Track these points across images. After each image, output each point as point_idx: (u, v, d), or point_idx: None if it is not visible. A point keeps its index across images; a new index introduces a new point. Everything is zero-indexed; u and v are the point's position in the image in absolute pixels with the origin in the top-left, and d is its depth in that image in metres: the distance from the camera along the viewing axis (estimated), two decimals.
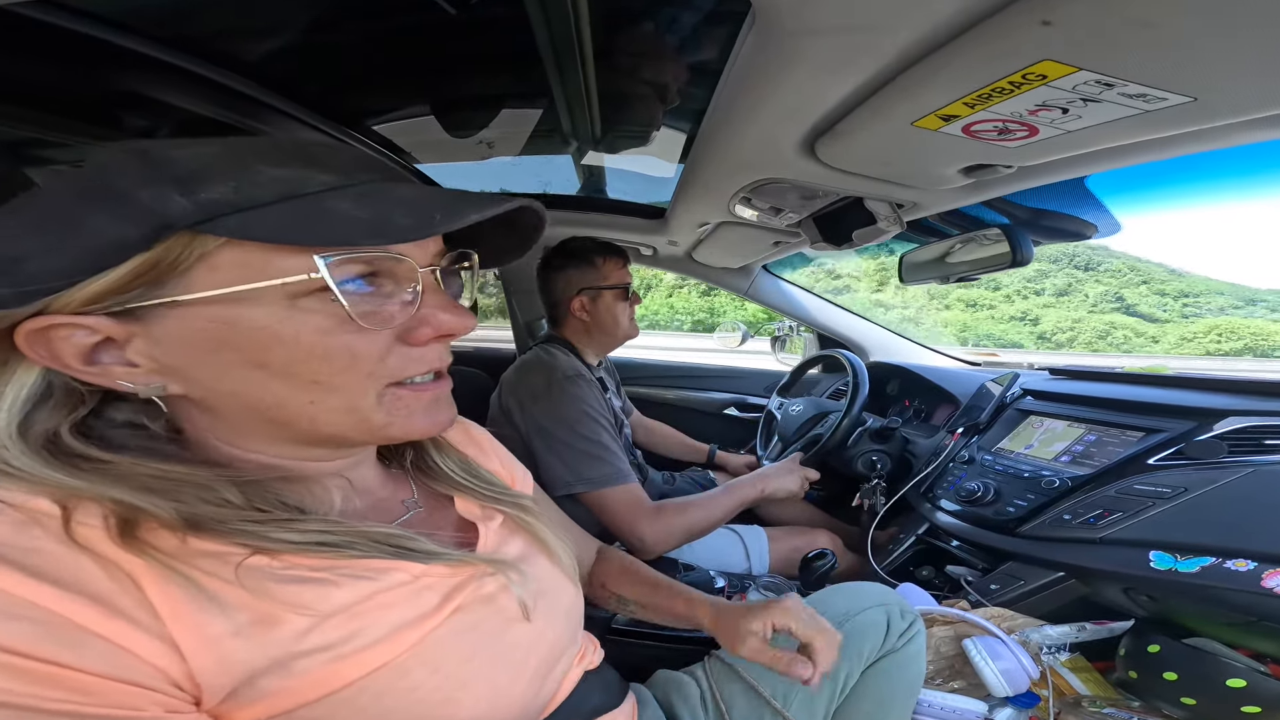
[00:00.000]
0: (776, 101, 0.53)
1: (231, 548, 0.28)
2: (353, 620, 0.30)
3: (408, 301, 0.32)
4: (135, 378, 0.29)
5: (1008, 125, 0.46)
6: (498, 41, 0.72)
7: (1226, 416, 0.68)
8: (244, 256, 0.27)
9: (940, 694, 0.63)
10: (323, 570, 0.30)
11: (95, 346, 0.28)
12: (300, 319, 0.29)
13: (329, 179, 0.29)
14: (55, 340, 0.27)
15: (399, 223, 0.28)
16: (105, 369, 0.29)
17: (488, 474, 0.46)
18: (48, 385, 0.29)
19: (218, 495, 0.29)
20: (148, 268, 0.27)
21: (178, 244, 0.27)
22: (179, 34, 0.63)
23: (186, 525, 0.28)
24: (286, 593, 0.28)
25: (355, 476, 0.38)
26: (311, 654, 0.28)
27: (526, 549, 0.43)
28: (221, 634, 0.26)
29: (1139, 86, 0.36)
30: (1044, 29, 0.31)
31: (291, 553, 0.30)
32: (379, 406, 0.32)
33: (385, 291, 0.31)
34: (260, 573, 0.29)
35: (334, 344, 0.29)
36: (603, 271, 1.01)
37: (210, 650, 0.26)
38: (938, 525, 0.88)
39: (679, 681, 0.57)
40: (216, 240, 0.27)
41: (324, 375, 0.30)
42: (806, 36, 0.41)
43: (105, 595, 0.25)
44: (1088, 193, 0.75)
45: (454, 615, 0.34)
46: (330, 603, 0.29)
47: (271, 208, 0.27)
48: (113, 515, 0.27)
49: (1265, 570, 0.55)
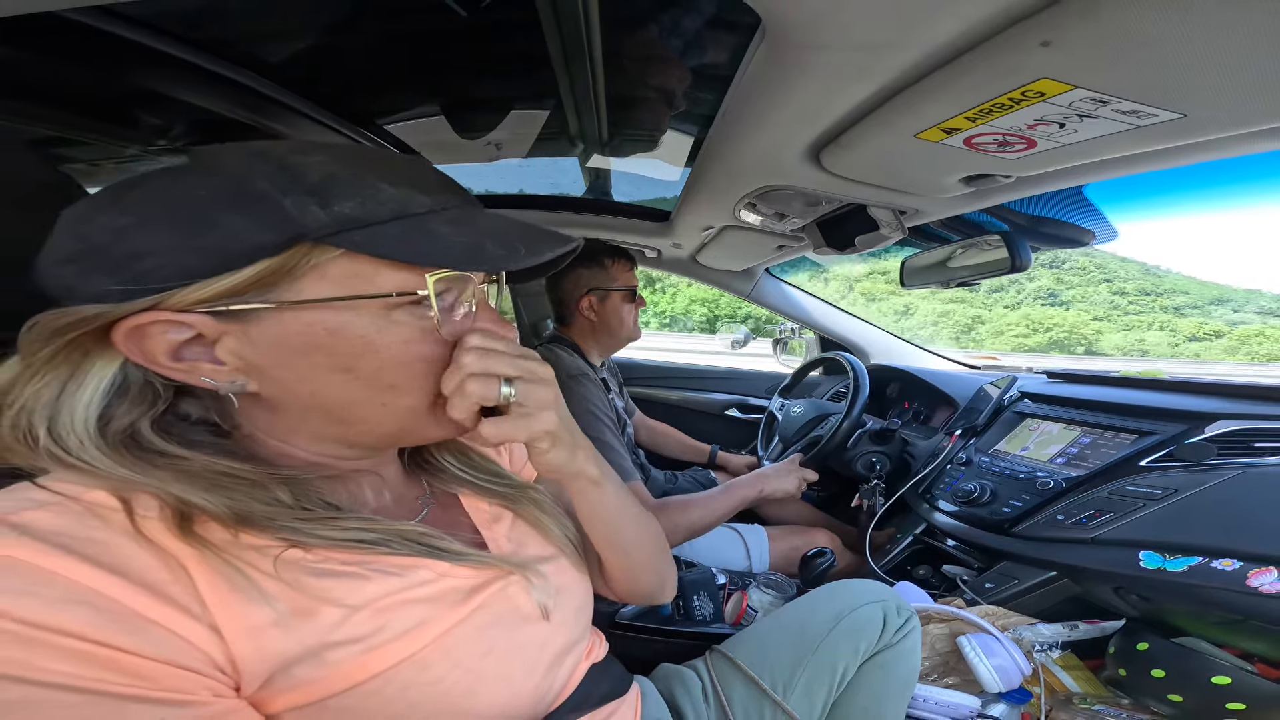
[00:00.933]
0: (784, 111, 0.55)
1: (272, 541, 0.29)
2: (380, 614, 0.30)
3: (466, 314, 0.34)
4: (220, 375, 0.30)
5: (1007, 138, 0.47)
6: (508, 44, 0.72)
7: (1217, 420, 0.69)
8: (355, 268, 0.29)
9: (935, 689, 0.64)
10: (353, 564, 0.31)
11: (184, 343, 0.29)
12: (394, 330, 0.31)
13: (428, 201, 0.32)
14: (152, 336, 0.28)
15: (491, 252, 0.31)
16: (192, 366, 0.29)
17: (487, 463, 0.47)
18: (124, 379, 0.30)
19: (270, 494, 0.31)
20: (269, 272, 0.27)
21: (299, 252, 0.28)
22: (196, 33, 0.64)
23: (239, 521, 0.29)
24: (320, 585, 0.29)
25: (384, 473, 0.40)
26: (343, 645, 0.29)
27: (542, 550, 0.44)
28: (263, 623, 0.28)
29: (1132, 103, 0.37)
30: (1043, 49, 0.33)
31: (326, 547, 0.31)
32: (432, 410, 0.34)
33: (451, 305, 0.34)
34: (296, 565, 0.30)
35: (418, 353, 0.32)
36: (611, 273, 1.03)
37: (251, 638, 0.27)
38: (935, 525, 0.89)
39: (681, 674, 0.58)
40: (334, 252, 0.28)
41: (402, 380, 0.32)
42: (816, 51, 0.42)
43: (161, 584, 0.26)
44: (1086, 200, 0.76)
45: (475, 612, 0.35)
46: (360, 596, 0.30)
47: (388, 225, 0.29)
48: (168, 509, 0.28)
49: (1250, 570, 0.56)
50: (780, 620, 0.62)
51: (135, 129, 0.85)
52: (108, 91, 0.74)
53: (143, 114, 0.82)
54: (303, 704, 0.29)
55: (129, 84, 0.70)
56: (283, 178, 0.28)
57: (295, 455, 0.34)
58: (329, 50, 0.73)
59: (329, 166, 0.29)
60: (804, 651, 0.56)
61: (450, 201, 0.33)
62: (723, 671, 0.57)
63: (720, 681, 0.56)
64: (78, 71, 0.66)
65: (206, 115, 0.76)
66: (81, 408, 0.28)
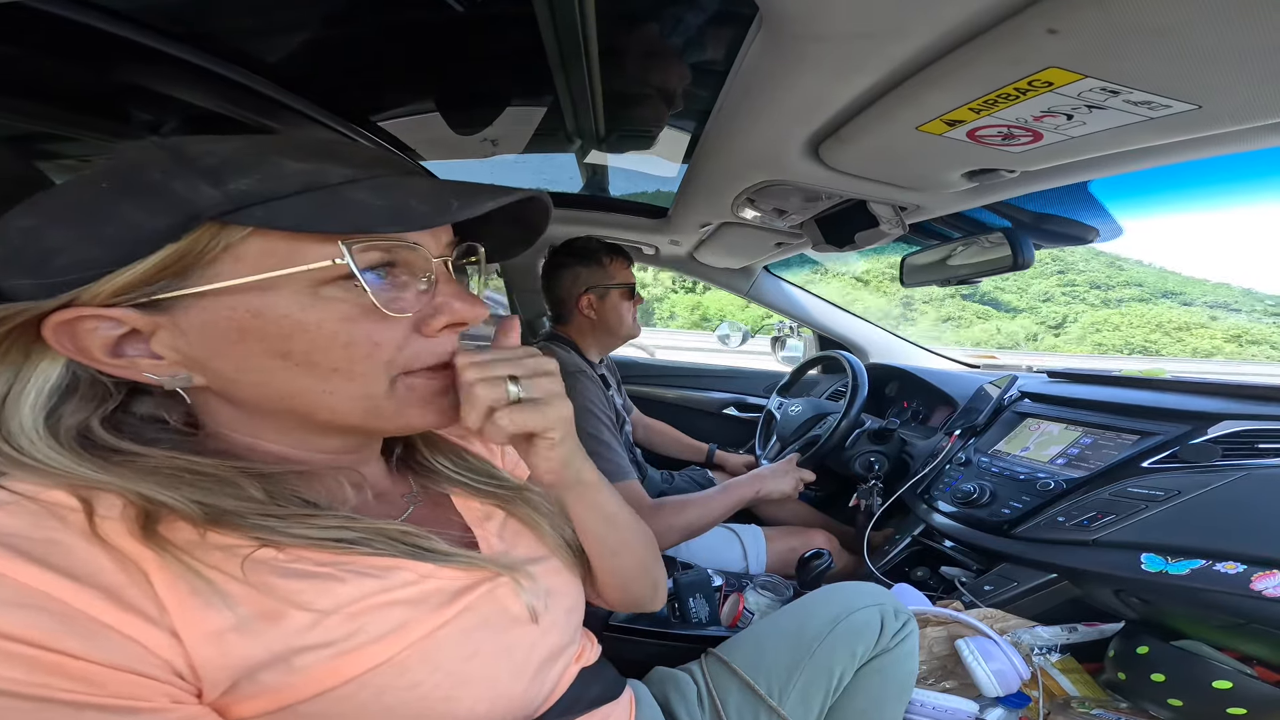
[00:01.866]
0: (782, 104, 0.53)
1: (243, 541, 0.29)
2: (356, 618, 0.30)
3: (423, 290, 0.32)
4: (160, 370, 0.29)
5: (1012, 130, 0.46)
6: (504, 39, 0.71)
7: (1221, 420, 0.68)
8: (269, 246, 0.28)
9: (932, 694, 0.64)
10: (328, 565, 0.30)
11: (121, 339, 0.28)
12: (323, 307, 0.29)
13: (348, 172, 0.30)
14: (82, 333, 0.28)
15: (417, 209, 0.29)
16: (131, 361, 0.29)
17: (482, 464, 0.46)
18: (73, 378, 0.29)
19: (240, 490, 0.30)
20: (175, 259, 0.27)
21: (205, 235, 0.27)
22: (188, 29, 0.63)
23: (208, 519, 0.28)
24: (289, 587, 0.29)
25: (365, 470, 0.38)
26: (313, 649, 0.28)
27: (533, 550, 0.43)
28: (223, 628, 0.27)
29: (1144, 94, 0.36)
30: (1051, 36, 0.32)
31: (300, 546, 0.30)
32: (391, 395, 0.32)
33: (402, 281, 0.32)
34: (265, 566, 0.29)
35: (356, 331, 0.30)
36: (609, 270, 1.02)
37: (212, 643, 0.26)
38: (933, 526, 0.89)
39: (676, 679, 0.57)
40: (242, 231, 0.27)
41: (344, 363, 0.30)
42: (814, 41, 0.41)
43: (116, 588, 0.25)
44: (1090, 197, 0.75)
45: (460, 615, 0.34)
46: (333, 598, 0.29)
47: (295, 198, 0.27)
48: (133, 508, 0.27)
49: (1254, 573, 0.55)
50: (777, 623, 0.61)
51: (125, 125, 0.84)
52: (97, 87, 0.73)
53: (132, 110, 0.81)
54: (271, 710, 0.28)
55: (118, 80, 0.69)
56: (176, 165, 0.27)
57: (268, 450, 0.33)
58: (322, 45, 0.72)
59: (231, 152, 0.28)
60: (800, 655, 0.55)
61: (380, 171, 0.31)
62: (718, 675, 0.56)
63: (715, 686, 0.55)
64: (66, 67, 0.65)
65: (198, 112, 0.75)
66: (28, 407, 0.28)
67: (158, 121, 0.85)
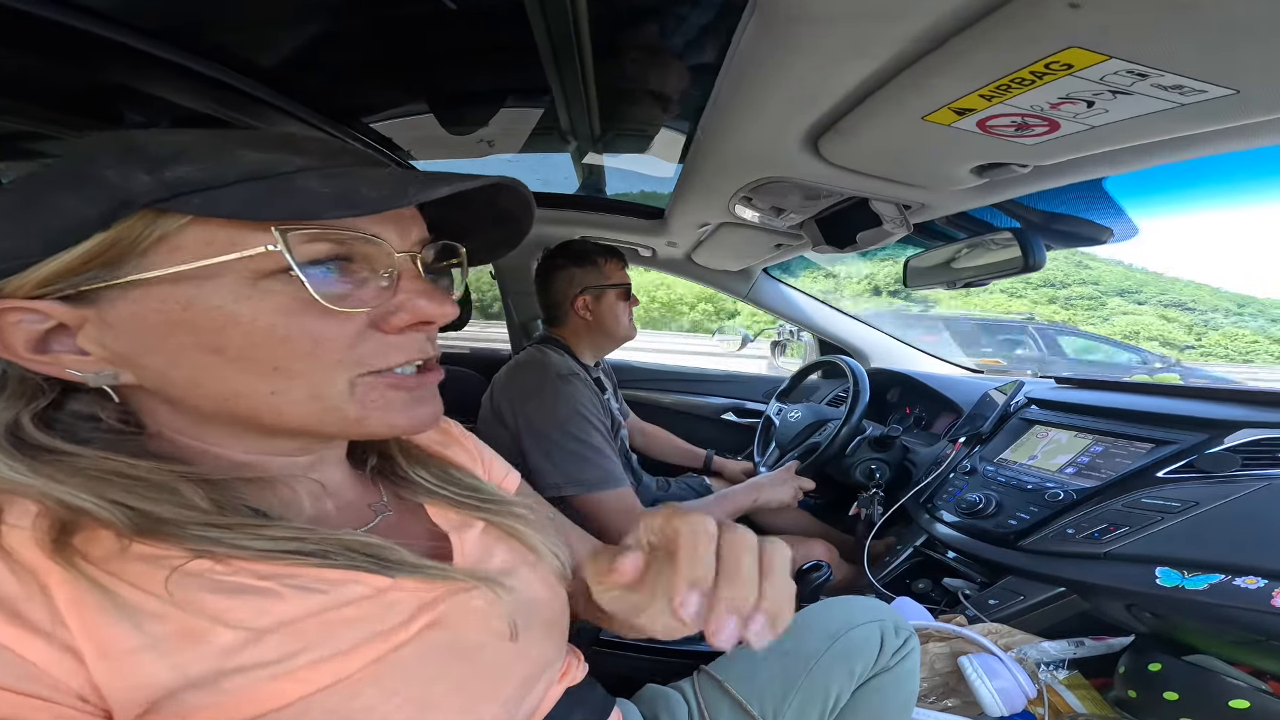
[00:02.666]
0: (778, 95, 0.51)
1: (174, 552, 0.26)
2: (297, 636, 0.27)
3: (383, 287, 0.30)
4: (85, 366, 0.28)
5: (1026, 120, 0.43)
6: (496, 35, 0.70)
7: (1240, 428, 0.66)
8: (208, 235, 0.26)
9: (933, 713, 0.62)
10: (270, 579, 0.28)
11: (47, 334, 0.27)
12: (259, 299, 0.27)
13: (305, 161, 0.28)
14: (4, 327, 0.26)
15: (366, 195, 0.27)
16: (55, 357, 0.27)
17: (466, 477, 0.44)
18: (2, 375, 0.28)
19: (182, 498, 0.28)
20: (105, 248, 0.25)
21: (139, 224, 0.25)
22: (174, 28, 0.61)
23: (135, 530, 0.26)
24: (219, 605, 0.26)
25: (324, 477, 0.36)
26: (244, 671, 0.26)
27: (511, 559, 0.40)
28: (135, 647, 0.24)
29: (1176, 77, 0.33)
30: (1072, 12, 0.29)
31: (244, 559, 0.28)
32: (351, 397, 0.30)
33: (359, 276, 0.30)
34: (197, 580, 0.26)
35: (295, 326, 0.28)
36: (605, 271, 1.01)
37: (120, 664, 0.24)
38: (936, 537, 0.86)
39: (667, 697, 0.55)
40: (180, 220, 0.26)
41: (284, 360, 0.28)
42: (810, 24, 0.38)
43: (10, 601, 0.23)
44: (1105, 195, 0.72)
45: (424, 632, 0.31)
46: (269, 617, 0.27)
47: (237, 186, 0.26)
48: (46, 518, 0.25)
49: (1276, 588, 0.54)
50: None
51: (110, 125, 0.82)
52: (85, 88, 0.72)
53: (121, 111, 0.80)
54: None
55: (106, 80, 0.67)
56: (119, 154, 0.26)
57: (217, 455, 0.31)
58: (312, 46, 0.71)
59: (184, 143, 0.27)
60: (796, 674, 0.53)
61: (345, 161, 0.29)
62: (710, 695, 0.54)
63: (707, 705, 0.53)
64: (53, 68, 0.64)
65: (186, 113, 0.75)
66: None
67: (147, 123, 0.84)
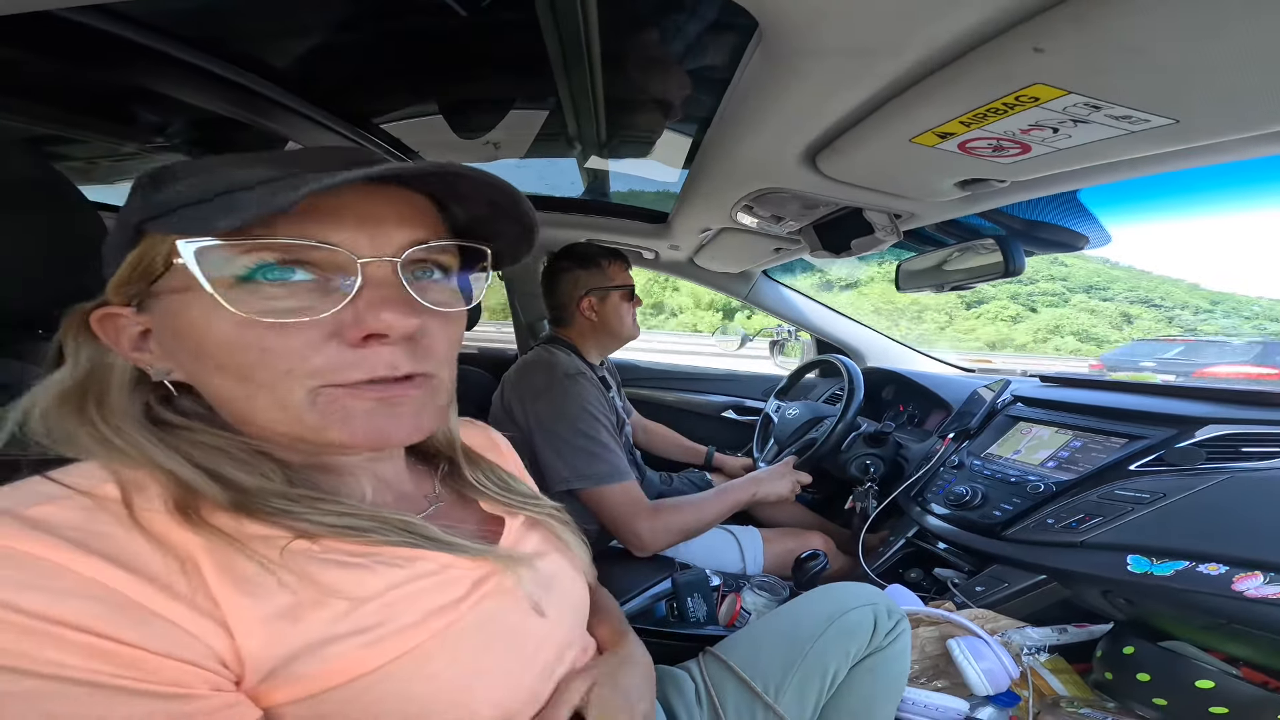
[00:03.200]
0: (780, 115, 0.55)
1: (277, 531, 0.29)
2: (385, 607, 0.30)
3: (339, 295, 0.29)
4: (153, 362, 0.32)
5: (1001, 143, 0.48)
6: (507, 44, 0.72)
7: (1206, 424, 0.70)
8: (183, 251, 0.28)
9: (924, 692, 0.64)
10: (359, 556, 0.31)
11: (140, 336, 0.31)
12: (220, 312, 0.27)
13: (274, 173, 0.28)
14: (114, 327, 0.31)
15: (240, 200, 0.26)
16: (141, 355, 0.32)
17: (521, 485, 0.47)
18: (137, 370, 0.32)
19: (260, 468, 0.31)
20: (135, 262, 0.30)
21: (154, 243, 0.29)
22: (194, 33, 0.64)
23: (232, 504, 0.29)
24: (327, 576, 0.29)
25: (381, 471, 0.39)
26: (346, 638, 0.29)
27: (543, 544, 0.44)
28: (269, 615, 0.27)
29: (1124, 109, 0.38)
30: (1036, 55, 0.33)
31: (328, 536, 0.31)
32: (312, 408, 0.29)
33: (317, 285, 0.29)
34: (303, 556, 0.29)
35: (246, 338, 0.28)
36: (609, 273, 1.04)
37: (258, 630, 0.27)
38: (927, 528, 0.90)
39: (674, 677, 0.58)
40: (172, 238, 0.28)
41: (246, 370, 0.29)
42: (811, 56, 0.42)
43: (165, 577, 0.26)
44: (1080, 205, 0.77)
45: (478, 605, 0.34)
46: (366, 588, 0.30)
47: (193, 206, 0.27)
48: (169, 496, 0.28)
49: (1236, 574, 0.56)
50: (773, 623, 0.62)
51: (131, 127, 0.84)
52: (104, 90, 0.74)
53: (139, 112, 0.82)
54: (302, 696, 0.28)
55: (125, 82, 0.70)
56: (144, 179, 0.30)
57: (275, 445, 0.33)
58: (326, 49, 0.73)
59: (200, 163, 0.30)
60: (796, 654, 0.56)
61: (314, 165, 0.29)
62: (716, 674, 0.57)
63: (713, 684, 0.56)
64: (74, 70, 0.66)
65: (203, 114, 0.76)
66: (119, 390, 0.31)
67: (163, 124, 0.86)
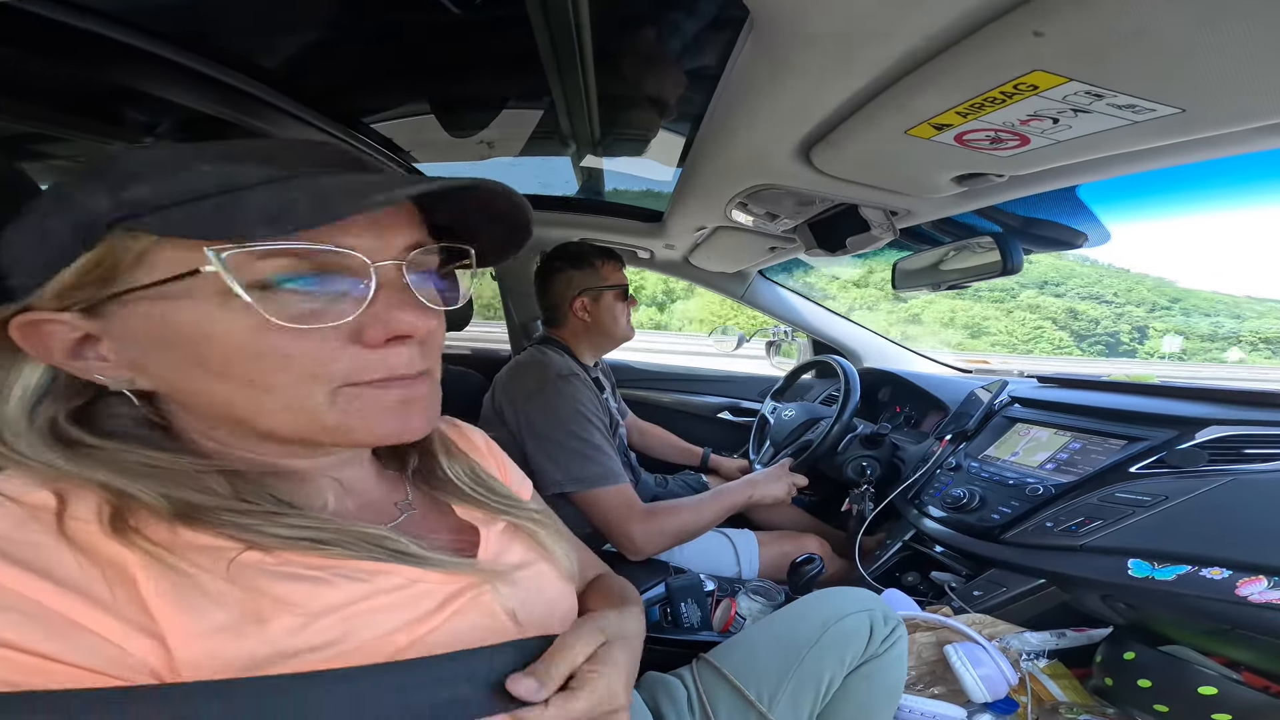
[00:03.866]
0: (773, 108, 0.54)
1: (224, 542, 0.28)
2: (344, 621, 0.29)
3: (361, 299, 0.29)
4: (106, 371, 0.30)
5: (999, 135, 0.46)
6: (499, 41, 0.72)
7: (1208, 425, 0.69)
8: (175, 254, 0.27)
9: (920, 699, 0.63)
10: (316, 569, 0.30)
11: (79, 342, 0.29)
12: (231, 318, 0.27)
13: (270, 173, 0.28)
14: (44, 335, 0.29)
15: (300, 211, 0.26)
16: (86, 363, 0.30)
17: (496, 483, 0.45)
18: (53, 378, 0.31)
19: (202, 484, 0.29)
20: (93, 265, 0.27)
21: (122, 242, 0.27)
22: (178, 29, 0.62)
23: (175, 515, 0.28)
24: (278, 589, 0.28)
25: (345, 476, 0.38)
26: (300, 654, 0.28)
27: (526, 554, 0.42)
28: (210, 629, 0.26)
29: (1128, 97, 0.36)
30: (1036, 39, 0.32)
31: (284, 549, 0.29)
32: (332, 408, 0.30)
33: (334, 289, 0.29)
34: (253, 569, 0.28)
35: (265, 344, 0.28)
36: (602, 273, 1.03)
37: (197, 645, 0.26)
38: (924, 531, 0.89)
39: (667, 683, 0.57)
40: (148, 239, 0.27)
41: (257, 375, 0.28)
42: (803, 43, 0.41)
43: (93, 588, 0.25)
44: (1079, 202, 0.76)
45: (449, 621, 0.33)
46: (321, 602, 0.29)
47: (192, 204, 0.26)
48: (106, 506, 0.27)
49: (1240, 579, 0.56)
50: (767, 628, 0.61)
51: (115, 126, 0.83)
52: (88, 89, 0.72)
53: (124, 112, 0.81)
54: None
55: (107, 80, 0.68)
56: (88, 174, 0.27)
57: (235, 454, 0.33)
58: (314, 47, 0.72)
59: (161, 157, 0.28)
60: (791, 661, 0.55)
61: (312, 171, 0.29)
62: (709, 681, 0.56)
63: (706, 691, 0.55)
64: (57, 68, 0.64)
65: (188, 113, 0.75)
66: (15, 401, 0.29)
67: (150, 123, 0.85)
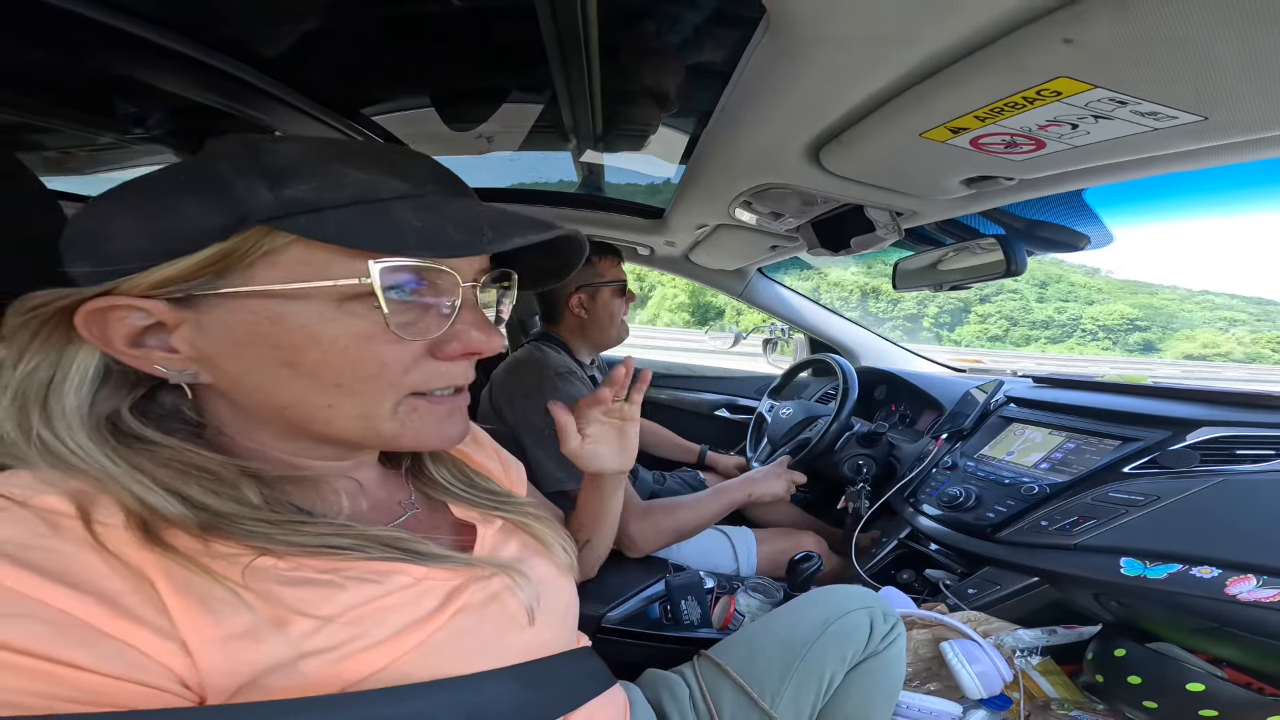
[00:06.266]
0: (785, 107, 0.53)
1: (240, 549, 0.28)
2: (357, 622, 0.30)
3: (444, 314, 0.32)
4: (171, 363, 0.29)
5: (1015, 139, 0.46)
6: (502, 33, 0.70)
7: (1200, 426, 0.70)
8: (307, 255, 0.28)
9: (917, 695, 0.64)
10: (328, 572, 0.30)
11: (144, 330, 0.29)
12: (342, 322, 0.29)
13: (401, 187, 0.30)
14: (110, 321, 0.28)
15: (452, 238, 0.29)
16: (147, 353, 0.29)
17: (484, 481, 0.46)
18: (108, 367, 0.30)
19: (240, 494, 0.30)
20: (218, 258, 0.27)
21: (251, 237, 0.27)
22: (175, 17, 0.60)
23: (198, 525, 0.28)
24: (292, 595, 0.28)
25: (360, 477, 0.39)
26: (316, 655, 0.28)
27: (523, 550, 0.43)
28: (230, 635, 0.26)
29: (1152, 104, 0.36)
30: (1066, 46, 0.32)
31: (299, 554, 0.30)
32: (393, 416, 0.32)
33: (426, 303, 0.31)
34: (267, 574, 0.29)
35: (366, 350, 0.30)
36: (599, 269, 1.02)
37: (218, 651, 0.26)
38: (919, 530, 0.90)
39: (669, 681, 0.57)
40: (286, 238, 0.27)
41: (347, 380, 0.30)
42: (822, 44, 0.40)
43: (115, 594, 0.25)
44: (1084, 204, 0.76)
45: (455, 616, 0.34)
46: (335, 604, 0.29)
47: (343, 210, 0.28)
48: (133, 516, 0.27)
49: (1229, 578, 0.57)
50: (769, 626, 0.61)
51: (110, 117, 0.80)
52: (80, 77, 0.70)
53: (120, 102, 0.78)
54: None
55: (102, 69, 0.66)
56: (247, 162, 0.27)
57: (267, 455, 0.33)
58: (315, 37, 0.70)
59: (300, 153, 0.29)
60: (792, 658, 0.56)
61: (431, 189, 0.31)
62: (711, 678, 0.56)
63: (708, 687, 0.56)
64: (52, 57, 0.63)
65: (185, 103, 0.73)
66: (73, 393, 0.28)
67: (145, 113, 0.82)
